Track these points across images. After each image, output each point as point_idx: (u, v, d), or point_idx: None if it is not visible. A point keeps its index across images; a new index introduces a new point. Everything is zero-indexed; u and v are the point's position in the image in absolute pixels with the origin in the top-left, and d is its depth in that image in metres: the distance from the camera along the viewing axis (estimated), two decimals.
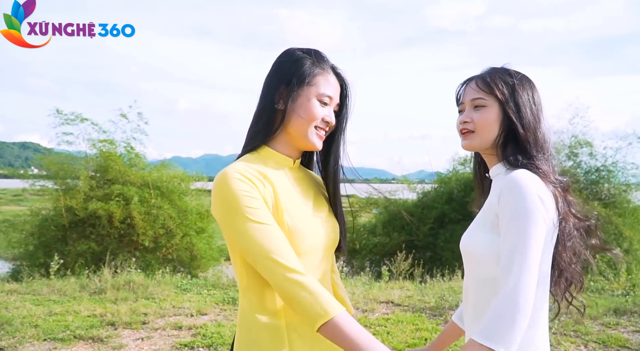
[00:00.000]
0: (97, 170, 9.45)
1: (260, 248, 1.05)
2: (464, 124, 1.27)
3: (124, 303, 5.10)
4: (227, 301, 5.37)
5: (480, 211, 1.27)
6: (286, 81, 1.17)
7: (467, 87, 1.30)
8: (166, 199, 9.48)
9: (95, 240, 8.63)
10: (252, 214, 1.07)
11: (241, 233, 1.06)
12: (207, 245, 10.08)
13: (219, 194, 1.09)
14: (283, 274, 1.03)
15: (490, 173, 1.30)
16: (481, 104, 1.25)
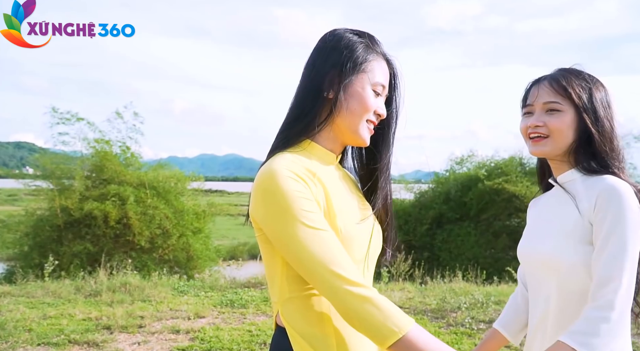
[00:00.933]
0: (93, 170, 9.39)
1: (317, 258, 0.91)
2: (536, 128, 1.20)
3: (120, 305, 5.01)
4: (225, 303, 5.28)
5: (555, 218, 1.21)
6: (338, 66, 1.01)
7: (539, 89, 1.22)
8: (162, 199, 9.44)
9: (91, 241, 8.57)
10: (307, 218, 0.92)
11: (293, 240, 0.91)
12: (204, 246, 10.04)
13: (267, 194, 0.93)
14: (345, 288, 0.89)
15: (559, 179, 1.25)
16: (556, 108, 1.19)
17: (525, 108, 1.25)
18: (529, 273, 1.27)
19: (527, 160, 11.99)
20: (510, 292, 5.75)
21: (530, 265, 1.24)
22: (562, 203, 1.20)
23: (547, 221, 1.23)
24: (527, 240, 1.28)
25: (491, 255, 10.93)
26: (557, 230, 1.18)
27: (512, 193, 10.74)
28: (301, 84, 1.06)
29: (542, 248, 1.19)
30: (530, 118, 1.22)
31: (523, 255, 1.27)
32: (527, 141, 1.24)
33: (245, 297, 5.50)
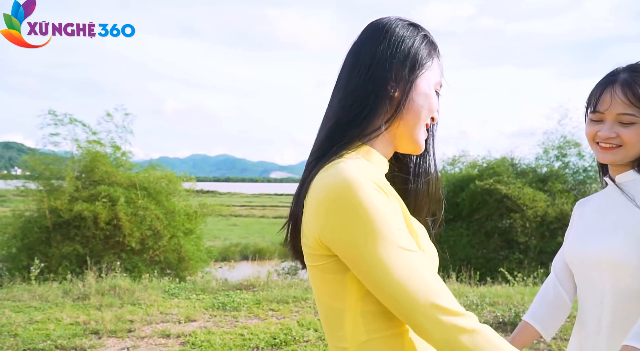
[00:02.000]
0: (83, 170, 9.28)
1: (414, 287, 0.72)
2: (608, 139, 1.18)
3: (109, 309, 4.90)
4: (216, 306, 5.19)
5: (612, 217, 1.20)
6: (407, 61, 0.86)
7: (611, 97, 1.17)
8: (153, 200, 9.36)
9: (80, 242, 8.47)
10: (398, 238, 0.74)
11: (384, 265, 0.72)
12: (195, 247, 9.97)
13: (346, 210, 0.73)
14: (451, 322, 0.71)
15: (618, 178, 1.23)
16: (631, 121, 1.16)
17: (595, 115, 1.21)
18: (579, 273, 1.25)
19: (518, 160, 12.03)
20: (505, 293, 5.74)
21: (582, 264, 1.23)
22: (620, 203, 1.19)
23: (602, 220, 1.22)
24: (579, 240, 1.26)
25: (483, 255, 10.94)
26: (615, 229, 1.17)
27: (504, 193, 10.76)
28: (355, 78, 0.86)
29: (598, 246, 1.17)
30: (600, 126, 1.20)
31: (575, 254, 1.25)
32: (594, 147, 1.22)
33: (237, 300, 5.41)
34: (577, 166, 11.35)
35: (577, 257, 1.25)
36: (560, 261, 1.36)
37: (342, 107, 0.86)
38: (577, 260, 1.24)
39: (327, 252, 0.77)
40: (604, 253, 1.16)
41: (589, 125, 1.22)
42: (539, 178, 11.49)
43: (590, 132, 1.21)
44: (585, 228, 1.27)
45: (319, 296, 0.83)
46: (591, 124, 1.21)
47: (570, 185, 11.31)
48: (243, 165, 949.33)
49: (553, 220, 10.46)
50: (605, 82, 1.20)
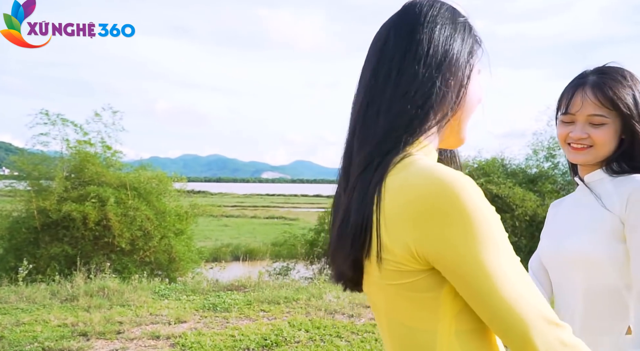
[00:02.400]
0: (73, 170, 9.19)
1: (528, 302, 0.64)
2: (580, 140, 1.20)
3: (98, 311, 4.84)
4: (207, 307, 5.16)
5: (583, 216, 1.23)
6: (466, 49, 0.77)
7: (582, 99, 1.19)
8: (144, 200, 9.29)
9: (69, 243, 8.39)
10: (508, 248, 0.67)
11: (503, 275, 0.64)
12: (186, 247, 9.92)
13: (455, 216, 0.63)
14: (560, 338, 0.65)
15: (586, 178, 1.26)
16: (602, 122, 1.18)
17: (566, 116, 1.23)
18: (554, 272, 1.28)
19: (508, 161, 12.11)
20: None
21: (556, 262, 1.26)
22: (590, 202, 1.22)
23: (574, 219, 1.25)
24: (552, 239, 1.29)
25: None
26: (585, 227, 1.19)
27: (495, 193, 10.82)
28: (413, 66, 0.73)
29: (571, 244, 1.20)
30: (572, 127, 1.22)
31: (549, 253, 1.28)
32: (565, 148, 1.25)
33: (228, 301, 5.38)
34: (566, 167, 11.45)
35: (552, 256, 1.27)
36: (536, 260, 1.38)
37: (402, 98, 0.73)
38: (552, 259, 1.27)
39: (422, 266, 0.66)
40: (577, 251, 1.18)
41: (560, 127, 1.24)
42: (529, 178, 11.58)
43: (562, 133, 1.24)
44: (559, 227, 1.30)
45: (397, 318, 0.72)
46: (562, 126, 1.24)
47: (560, 185, 11.42)
48: (234, 165, 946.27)
49: (542, 220, 10.45)
50: (575, 84, 1.23)
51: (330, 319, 4.72)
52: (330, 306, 5.11)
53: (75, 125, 9.09)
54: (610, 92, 1.17)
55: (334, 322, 4.60)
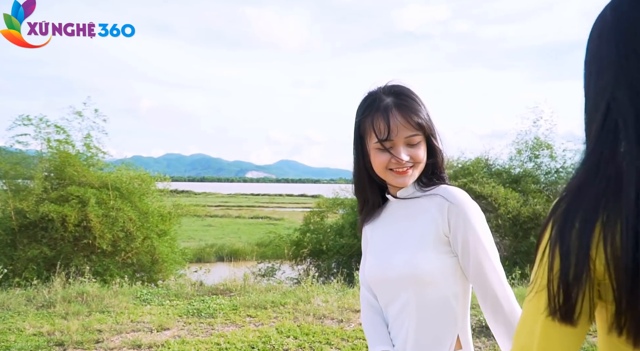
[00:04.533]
0: (53, 170, 8.94)
1: None
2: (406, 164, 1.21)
3: (76, 318, 4.63)
4: (191, 312, 4.98)
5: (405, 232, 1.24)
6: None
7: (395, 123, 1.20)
8: (126, 201, 9.09)
9: (48, 244, 8.14)
10: None
11: None
12: (170, 248, 9.75)
13: None
14: None
15: (400, 194, 1.28)
16: (418, 141, 1.22)
17: (386, 142, 1.22)
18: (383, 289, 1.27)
19: (492, 161, 12.17)
20: None
21: (386, 280, 1.25)
22: (409, 217, 1.24)
23: (398, 236, 1.25)
24: (378, 257, 1.28)
25: None
26: (412, 243, 1.21)
27: (479, 193, 10.84)
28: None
29: (400, 261, 1.20)
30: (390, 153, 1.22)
31: (376, 273, 1.27)
32: (387, 174, 1.23)
33: (213, 305, 5.21)
34: (549, 167, 11.59)
35: (378, 276, 1.26)
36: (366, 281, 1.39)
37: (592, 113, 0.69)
38: (381, 278, 1.26)
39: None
40: (407, 267, 1.18)
41: (379, 155, 1.22)
42: (513, 178, 11.65)
43: (383, 161, 1.22)
44: (384, 245, 1.29)
45: None
46: (380, 153, 1.22)
47: (543, 185, 11.51)
48: (219, 164, 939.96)
49: (526, 219, 10.60)
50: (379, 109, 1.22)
51: (319, 325, 4.59)
52: (319, 310, 4.98)
53: (57, 127, 8.85)
54: (415, 112, 1.21)
55: (323, 328, 4.47)
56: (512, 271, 8.96)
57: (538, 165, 11.67)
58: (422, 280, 1.17)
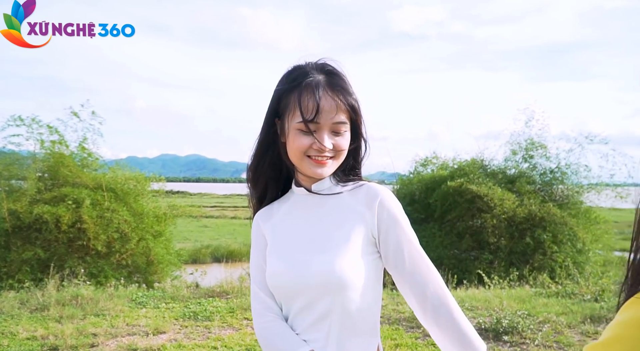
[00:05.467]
0: (46, 171, 8.86)
1: None
2: (325, 153, 1.06)
3: (70, 321, 4.56)
4: (187, 316, 4.92)
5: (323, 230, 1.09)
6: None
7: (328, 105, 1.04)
8: (121, 202, 9.02)
9: (42, 246, 8.06)
10: None
11: None
12: (165, 250, 9.70)
13: None
14: None
15: (315, 187, 1.13)
16: (343, 130, 1.07)
17: (311, 124, 1.04)
18: (294, 298, 1.07)
19: (488, 161, 12.19)
20: (482, 297, 5.67)
21: (298, 288, 1.06)
22: (328, 215, 1.10)
23: (314, 237, 1.09)
24: (289, 262, 1.08)
25: (454, 255, 10.99)
26: (333, 245, 1.06)
27: (475, 193, 10.84)
28: None
29: (320, 266, 1.04)
30: (313, 137, 1.05)
31: (289, 279, 1.06)
32: (303, 161, 1.07)
33: (209, 308, 5.15)
34: (544, 167, 11.63)
35: (292, 283, 1.06)
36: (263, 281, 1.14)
37: None
38: (294, 286, 1.06)
39: None
40: (330, 274, 1.03)
41: (299, 137, 1.04)
42: (508, 179, 11.68)
43: (303, 145, 1.05)
44: (294, 249, 1.10)
45: None
46: (301, 135, 1.04)
47: (538, 186, 11.54)
48: (214, 165, 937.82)
49: (522, 220, 10.63)
50: (309, 85, 1.05)
51: None
52: None
53: (50, 127, 8.78)
54: (349, 95, 1.06)
55: None
56: (509, 272, 8.97)
57: (533, 165, 11.69)
58: (347, 286, 1.03)
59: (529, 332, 4.31)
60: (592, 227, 10.80)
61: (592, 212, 11.04)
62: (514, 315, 4.68)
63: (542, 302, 5.52)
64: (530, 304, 5.39)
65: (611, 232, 11.46)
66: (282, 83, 1.09)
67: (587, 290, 6.14)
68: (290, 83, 1.06)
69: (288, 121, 1.06)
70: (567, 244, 10.44)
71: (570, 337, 4.32)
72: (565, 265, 8.96)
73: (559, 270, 9.32)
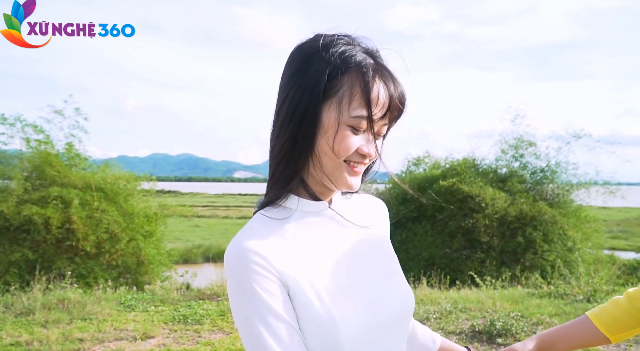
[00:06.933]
0: (33, 170, 8.71)
1: None
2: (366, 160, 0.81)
3: (56, 326, 4.44)
4: (177, 319, 4.83)
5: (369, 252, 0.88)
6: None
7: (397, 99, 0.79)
8: (111, 202, 8.92)
9: (30, 247, 7.93)
10: None
11: None
12: (156, 250, 9.61)
13: None
14: None
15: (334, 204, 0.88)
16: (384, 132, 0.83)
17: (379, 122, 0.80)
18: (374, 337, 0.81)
19: (479, 161, 12.24)
20: (476, 298, 5.64)
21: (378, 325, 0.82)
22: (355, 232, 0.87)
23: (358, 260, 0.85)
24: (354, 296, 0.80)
25: (446, 255, 11.00)
26: (389, 269, 0.89)
27: (467, 193, 10.86)
28: None
29: (399, 293, 0.86)
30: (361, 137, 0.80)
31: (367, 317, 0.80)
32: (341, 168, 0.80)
33: (199, 311, 5.06)
34: (535, 166, 11.71)
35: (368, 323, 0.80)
36: None
37: None
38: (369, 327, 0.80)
39: None
40: (409, 301, 0.88)
41: (350, 137, 0.77)
42: (499, 178, 11.73)
43: (351, 146, 0.78)
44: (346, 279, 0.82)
45: None
46: (351, 134, 0.78)
47: (529, 185, 11.60)
48: (206, 164, 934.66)
49: (513, 219, 10.66)
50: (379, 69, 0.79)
51: None
52: None
53: (34, 126, 8.63)
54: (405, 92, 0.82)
55: None
56: (501, 271, 8.98)
57: (524, 164, 11.74)
58: (409, 316, 0.90)
59: (522, 334, 4.28)
60: (582, 225, 10.87)
61: (582, 211, 11.11)
62: (508, 316, 4.65)
63: (534, 303, 5.50)
64: (523, 305, 5.36)
65: (601, 230, 11.53)
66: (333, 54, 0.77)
67: (579, 291, 6.14)
68: (349, 59, 0.77)
69: (336, 111, 0.76)
70: (558, 243, 10.50)
71: None
72: (557, 265, 9.00)
73: (550, 270, 9.36)
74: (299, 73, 0.79)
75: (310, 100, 0.77)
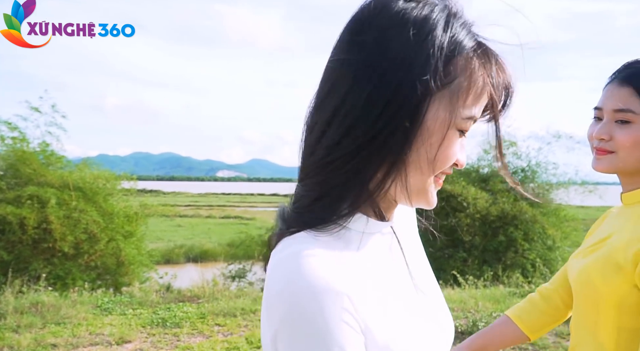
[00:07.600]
0: (8, 169, 8.51)
1: None
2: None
3: (28, 331, 4.29)
4: (155, 322, 4.71)
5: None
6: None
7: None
8: (89, 201, 8.74)
9: (5, 248, 7.71)
10: None
11: None
12: (136, 250, 9.44)
13: None
14: None
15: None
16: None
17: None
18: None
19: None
20: (458, 298, 5.65)
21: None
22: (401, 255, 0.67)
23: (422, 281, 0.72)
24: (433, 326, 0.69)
25: (430, 254, 11.03)
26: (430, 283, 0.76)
27: (450, 192, 10.93)
28: None
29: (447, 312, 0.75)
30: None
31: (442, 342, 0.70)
32: (431, 180, 0.63)
33: (179, 314, 4.95)
34: (515, 166, 11.86)
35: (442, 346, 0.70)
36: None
37: None
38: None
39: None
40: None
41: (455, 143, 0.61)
42: (481, 178, 11.83)
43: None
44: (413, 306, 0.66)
45: None
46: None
47: (509, 185, 11.76)
48: (188, 163, 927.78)
49: (495, 219, 10.77)
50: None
51: None
52: None
53: (9, 124, 8.42)
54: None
55: None
56: (483, 271, 9.05)
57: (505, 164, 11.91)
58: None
59: None
60: (561, 224, 11.04)
61: (562, 210, 11.28)
62: (490, 316, 4.66)
63: (516, 302, 5.51)
64: (505, 304, 5.38)
65: (579, 229, 11.73)
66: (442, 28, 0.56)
67: None
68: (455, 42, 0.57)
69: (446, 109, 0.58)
70: (538, 241, 10.64)
71: (545, 338, 4.32)
72: (537, 265, 9.10)
73: (531, 268, 9.46)
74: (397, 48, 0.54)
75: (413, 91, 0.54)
